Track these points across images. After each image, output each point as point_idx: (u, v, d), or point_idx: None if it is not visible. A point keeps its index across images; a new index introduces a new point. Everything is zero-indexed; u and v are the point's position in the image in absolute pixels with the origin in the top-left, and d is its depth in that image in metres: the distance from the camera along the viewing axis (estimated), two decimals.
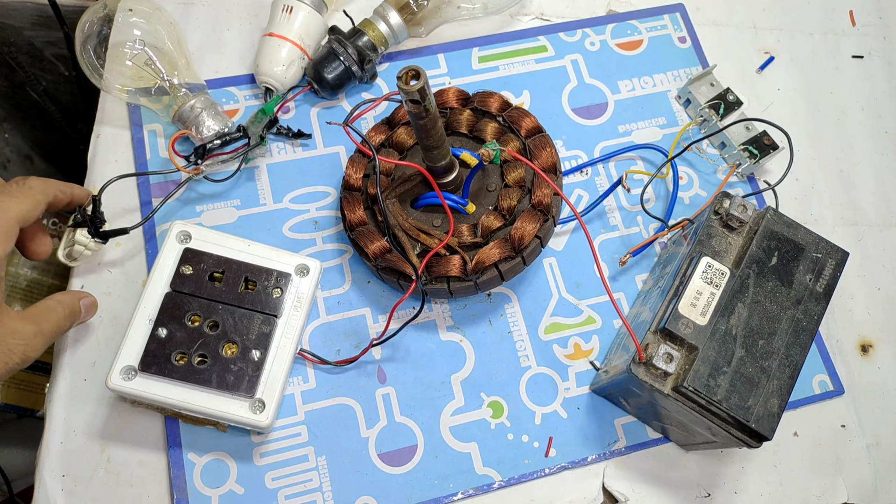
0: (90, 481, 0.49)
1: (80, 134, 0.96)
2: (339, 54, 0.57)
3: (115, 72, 0.54)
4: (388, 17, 0.58)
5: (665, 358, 0.44)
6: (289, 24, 0.57)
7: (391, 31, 0.58)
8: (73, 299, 0.47)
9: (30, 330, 0.43)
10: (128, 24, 0.54)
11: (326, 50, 0.57)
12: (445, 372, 0.53)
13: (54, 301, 0.45)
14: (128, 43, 0.54)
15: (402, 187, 0.52)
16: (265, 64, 0.56)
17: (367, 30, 0.58)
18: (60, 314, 0.45)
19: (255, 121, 0.54)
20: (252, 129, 0.54)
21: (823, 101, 0.66)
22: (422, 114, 0.42)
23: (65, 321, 0.45)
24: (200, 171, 0.54)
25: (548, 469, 0.52)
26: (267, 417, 0.46)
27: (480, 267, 0.49)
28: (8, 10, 0.76)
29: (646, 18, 0.66)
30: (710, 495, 0.53)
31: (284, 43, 0.56)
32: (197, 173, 0.54)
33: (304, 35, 0.57)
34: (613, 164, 0.61)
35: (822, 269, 0.47)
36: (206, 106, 0.54)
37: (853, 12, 0.70)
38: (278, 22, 0.57)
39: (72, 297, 0.47)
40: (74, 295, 0.48)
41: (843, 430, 0.56)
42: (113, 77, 0.54)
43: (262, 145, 0.55)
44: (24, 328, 0.42)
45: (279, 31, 0.57)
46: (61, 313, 0.45)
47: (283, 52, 0.56)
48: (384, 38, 0.58)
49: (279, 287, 0.49)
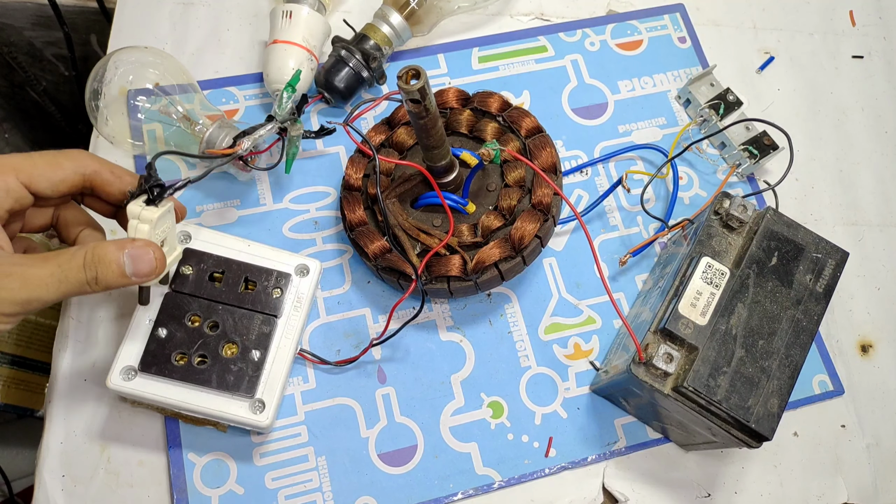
0: (90, 481, 0.49)
1: (80, 134, 0.96)
2: (347, 60, 0.56)
3: (122, 127, 0.52)
4: (390, 19, 0.58)
5: (665, 358, 0.44)
6: (291, 28, 0.56)
7: (394, 32, 0.58)
8: (109, 247, 0.38)
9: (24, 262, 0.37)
10: (140, 77, 0.53)
11: (334, 59, 0.57)
12: (445, 372, 0.53)
13: (78, 247, 0.39)
14: (139, 98, 0.52)
15: (402, 187, 0.52)
16: (275, 71, 0.56)
17: (371, 33, 0.58)
18: (78, 260, 0.38)
19: (281, 103, 0.51)
20: (280, 113, 0.51)
21: (823, 101, 0.66)
22: (422, 113, 0.42)
23: (79, 272, 0.38)
24: (249, 163, 0.51)
25: (548, 469, 0.52)
26: (267, 417, 0.46)
27: (480, 267, 0.49)
28: (8, 10, 0.76)
29: (646, 18, 0.66)
30: (710, 495, 0.53)
31: (290, 47, 0.56)
32: (244, 159, 0.50)
33: (308, 36, 0.56)
34: (613, 164, 0.61)
35: (822, 269, 0.47)
36: (227, 126, 0.53)
37: (853, 12, 0.70)
38: (280, 28, 0.56)
39: (107, 245, 0.38)
40: (114, 243, 0.39)
41: (843, 430, 0.56)
42: (120, 134, 0.52)
43: (297, 123, 0.52)
44: (28, 260, 0.37)
45: (282, 36, 0.56)
46: (79, 259, 0.38)
47: (291, 56, 0.56)
48: (388, 40, 0.58)
49: (279, 287, 0.49)
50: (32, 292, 0.37)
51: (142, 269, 0.39)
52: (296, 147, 0.52)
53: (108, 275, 0.38)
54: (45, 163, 0.40)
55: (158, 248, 0.40)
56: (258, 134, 0.49)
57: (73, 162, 0.41)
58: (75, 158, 0.41)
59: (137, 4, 0.62)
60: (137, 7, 0.62)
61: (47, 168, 0.40)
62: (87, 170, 0.41)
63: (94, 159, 0.42)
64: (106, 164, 0.42)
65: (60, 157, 0.41)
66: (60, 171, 0.40)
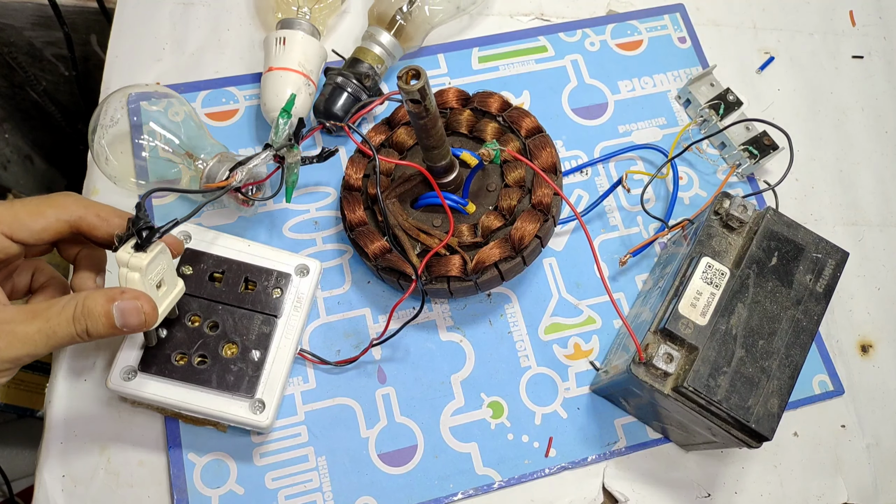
0: (90, 481, 0.49)
1: (80, 134, 0.96)
2: (344, 86, 0.55)
3: (126, 165, 0.51)
4: (379, 38, 0.57)
5: (665, 358, 0.44)
6: (286, 54, 0.55)
7: (385, 51, 0.57)
8: (98, 300, 0.38)
9: (18, 317, 0.37)
10: (146, 115, 0.51)
11: (331, 87, 0.56)
12: (445, 372, 0.53)
13: (69, 297, 0.38)
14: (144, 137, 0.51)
15: (402, 187, 0.52)
16: (272, 99, 0.54)
17: (362, 56, 0.57)
18: (67, 314, 0.37)
19: (277, 130, 0.49)
20: (277, 140, 0.48)
21: (823, 102, 0.66)
22: (422, 113, 0.42)
23: (68, 325, 0.37)
24: (248, 196, 0.50)
25: (548, 469, 0.52)
26: (267, 418, 0.46)
27: (480, 267, 0.49)
28: (8, 10, 0.76)
29: (646, 18, 0.66)
30: (710, 495, 0.53)
31: (287, 73, 0.54)
32: (242, 191, 0.49)
33: (303, 61, 0.55)
34: (613, 164, 0.61)
35: (822, 270, 0.47)
36: (228, 159, 0.51)
37: (853, 12, 0.70)
38: (275, 55, 0.55)
39: (96, 297, 0.38)
40: (103, 294, 0.38)
41: (843, 430, 0.56)
42: (123, 175, 0.51)
43: (294, 149, 0.49)
44: (16, 316, 0.37)
45: (278, 63, 0.55)
46: (68, 313, 0.37)
47: (288, 83, 0.54)
48: (380, 59, 0.57)
49: (279, 287, 0.49)
50: (21, 350, 0.37)
51: (132, 322, 0.39)
52: (295, 174, 0.51)
53: (98, 328, 0.38)
54: (27, 212, 0.39)
55: (149, 299, 0.39)
56: (252, 164, 0.48)
57: (57, 209, 0.39)
58: (59, 205, 0.40)
59: (137, 4, 0.62)
60: (137, 7, 0.62)
61: (29, 218, 0.39)
62: (71, 216, 0.40)
63: (80, 204, 0.40)
64: (92, 208, 0.40)
65: (43, 204, 0.39)
66: (43, 219, 0.39)
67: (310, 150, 0.59)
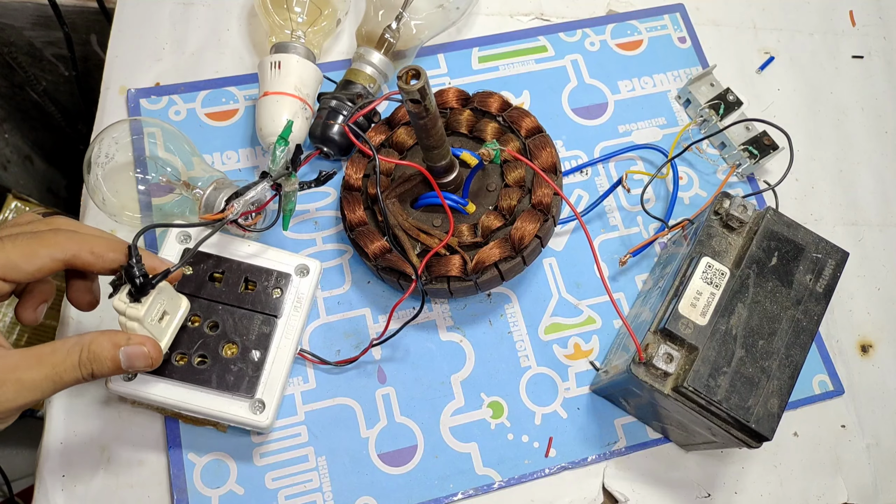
0: (90, 481, 0.49)
1: (80, 134, 0.97)
2: (339, 109, 0.55)
3: (123, 200, 0.50)
4: (370, 58, 0.57)
5: (665, 358, 0.44)
6: (281, 78, 0.54)
7: (377, 70, 0.57)
8: (104, 346, 0.38)
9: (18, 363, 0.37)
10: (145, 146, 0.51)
11: (326, 111, 0.55)
12: (445, 372, 0.53)
13: (73, 342, 0.38)
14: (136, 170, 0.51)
15: (402, 187, 0.52)
16: (268, 124, 0.53)
17: (354, 77, 0.56)
18: (73, 360, 0.38)
19: (275, 157, 0.49)
20: (275, 168, 0.48)
21: (823, 101, 0.66)
22: (422, 113, 0.42)
23: (75, 371, 0.38)
24: (245, 226, 0.49)
25: (548, 469, 0.52)
26: (267, 418, 0.46)
27: (480, 267, 0.49)
28: (8, 10, 0.76)
29: (646, 18, 0.66)
30: (710, 495, 0.53)
31: (283, 98, 0.53)
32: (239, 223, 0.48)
33: (299, 85, 0.54)
34: (613, 164, 0.61)
35: (822, 270, 0.47)
36: (225, 186, 0.50)
37: (853, 12, 0.70)
38: (270, 80, 0.54)
39: (102, 343, 0.38)
40: (108, 339, 0.39)
41: (843, 430, 0.56)
42: (119, 210, 0.50)
43: (292, 178, 0.49)
44: (21, 362, 0.37)
45: (273, 87, 0.54)
46: (73, 359, 0.38)
47: (284, 107, 0.53)
48: (373, 78, 0.57)
49: (279, 287, 0.49)
50: (28, 398, 0.37)
51: (138, 364, 0.40)
52: (292, 203, 0.50)
53: (103, 370, 0.39)
54: (20, 254, 0.38)
55: (154, 343, 0.40)
56: (249, 195, 0.47)
57: (50, 248, 0.39)
58: (52, 244, 0.39)
59: (137, 4, 0.62)
60: (137, 7, 0.62)
61: (22, 260, 0.38)
62: (65, 254, 0.39)
63: (73, 241, 0.39)
64: (86, 244, 0.39)
65: (35, 243, 0.38)
66: (37, 260, 0.38)
67: (307, 175, 0.58)
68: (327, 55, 0.62)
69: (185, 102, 0.59)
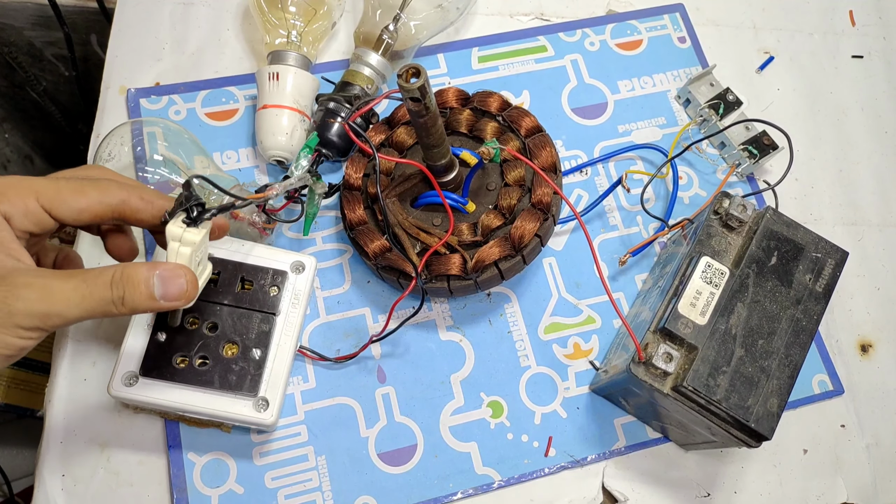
0: (90, 481, 0.49)
1: (80, 134, 0.97)
2: (338, 111, 0.55)
3: None
4: (368, 59, 0.57)
5: (665, 358, 0.44)
6: (279, 90, 0.54)
7: (375, 72, 0.57)
8: (139, 268, 0.36)
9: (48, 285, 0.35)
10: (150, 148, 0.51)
11: (323, 112, 0.55)
12: (445, 372, 0.53)
13: (108, 266, 0.37)
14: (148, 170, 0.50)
15: (402, 186, 0.52)
16: (268, 137, 0.54)
17: (352, 79, 0.56)
18: (105, 277, 0.36)
19: (298, 164, 0.49)
20: (297, 174, 0.50)
21: (823, 101, 0.66)
22: (422, 112, 0.42)
23: (105, 289, 0.36)
24: (271, 224, 0.50)
25: (547, 469, 0.52)
26: (271, 415, 0.46)
27: (480, 265, 0.49)
28: (8, 10, 0.76)
29: (645, 18, 0.66)
30: (709, 495, 0.53)
31: (281, 111, 0.54)
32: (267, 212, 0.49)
33: (297, 97, 0.55)
34: (613, 164, 0.61)
35: (822, 269, 0.48)
36: (241, 192, 0.50)
37: (853, 12, 0.70)
38: (268, 92, 0.54)
39: (136, 265, 0.37)
40: (143, 263, 0.37)
41: (842, 430, 0.56)
42: None
43: (320, 181, 0.51)
44: (53, 274, 0.35)
45: (272, 100, 0.54)
46: (106, 277, 0.36)
47: (283, 120, 0.54)
48: (371, 80, 0.57)
49: (276, 285, 0.49)
50: (53, 306, 0.35)
51: (172, 292, 0.37)
52: (315, 207, 0.51)
53: (135, 296, 0.36)
54: (70, 189, 0.37)
55: (191, 272, 0.38)
56: (290, 182, 0.48)
57: (99, 192, 0.38)
58: (102, 188, 0.38)
59: (137, 4, 0.62)
60: (137, 7, 0.62)
61: (71, 195, 0.37)
62: (113, 200, 0.38)
63: (122, 188, 0.39)
64: (135, 190, 0.39)
65: (87, 184, 0.38)
66: (85, 199, 0.38)
67: None
68: (325, 56, 0.62)
69: (185, 102, 0.59)
